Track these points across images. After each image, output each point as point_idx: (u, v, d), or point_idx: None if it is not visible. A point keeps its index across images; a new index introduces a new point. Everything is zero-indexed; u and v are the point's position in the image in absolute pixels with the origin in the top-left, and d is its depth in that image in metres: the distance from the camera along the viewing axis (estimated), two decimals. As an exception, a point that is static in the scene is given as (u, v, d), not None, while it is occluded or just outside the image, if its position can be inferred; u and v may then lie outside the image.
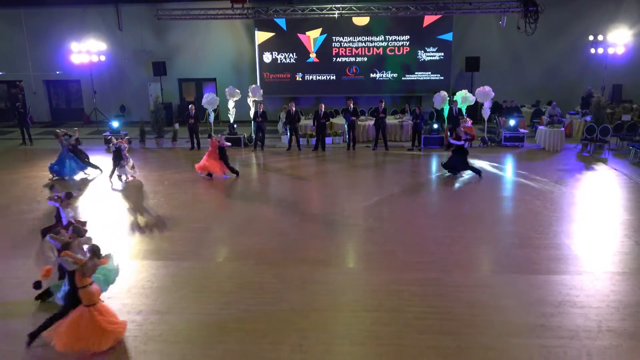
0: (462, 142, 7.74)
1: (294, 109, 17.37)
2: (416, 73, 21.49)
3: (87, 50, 20.29)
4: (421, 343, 6.64)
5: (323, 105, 17.51)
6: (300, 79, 21.82)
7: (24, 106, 20.06)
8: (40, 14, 22.42)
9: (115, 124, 18.89)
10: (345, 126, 17.84)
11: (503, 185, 13.54)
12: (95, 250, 6.66)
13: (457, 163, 13.99)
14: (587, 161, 15.64)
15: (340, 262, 9.12)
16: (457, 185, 13.81)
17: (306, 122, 18.85)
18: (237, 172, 14.61)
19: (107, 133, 18.57)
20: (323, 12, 18.84)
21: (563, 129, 17.36)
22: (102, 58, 21.06)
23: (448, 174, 14.24)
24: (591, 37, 20.00)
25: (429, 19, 20.79)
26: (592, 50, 20.03)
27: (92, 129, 21.94)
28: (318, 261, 8.98)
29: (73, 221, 8.61)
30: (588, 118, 17.93)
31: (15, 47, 22.81)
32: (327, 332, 6.95)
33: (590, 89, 20.39)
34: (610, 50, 19.26)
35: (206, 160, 14.40)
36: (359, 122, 18.39)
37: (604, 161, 15.51)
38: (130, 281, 8.46)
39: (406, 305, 7.48)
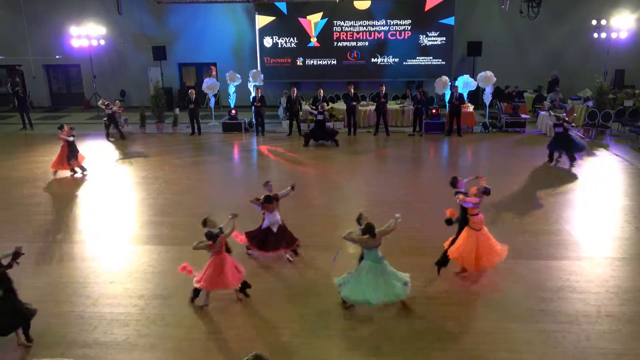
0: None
1: (294, 94, 17.29)
2: (418, 58, 21.35)
3: (86, 35, 20.17)
4: (421, 327, 6.69)
5: (322, 91, 17.42)
6: (301, 64, 21.69)
7: (23, 91, 19.98)
8: (40, -3, 22.25)
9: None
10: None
11: (504, 170, 13.49)
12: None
13: None
14: (589, 147, 15.60)
15: (341, 247, 9.13)
16: (456, 171, 13.78)
17: (306, 108, 18.75)
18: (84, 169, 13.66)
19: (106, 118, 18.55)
20: (324, -5, 18.69)
21: (565, 114, 17.28)
22: (102, 42, 20.93)
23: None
24: (594, 22, 19.81)
25: (430, 3, 20.61)
26: (595, 35, 19.89)
27: (92, 114, 21.88)
28: (319, 246, 9.01)
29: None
30: (590, 103, 17.85)
31: (14, 31, 22.65)
32: (328, 317, 7.00)
33: (556, 73, 20.31)
34: (613, 35, 19.13)
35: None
36: (359, 108, 18.32)
37: (606, 147, 15.48)
38: (132, 266, 8.52)
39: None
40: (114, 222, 10.44)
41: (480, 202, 7.66)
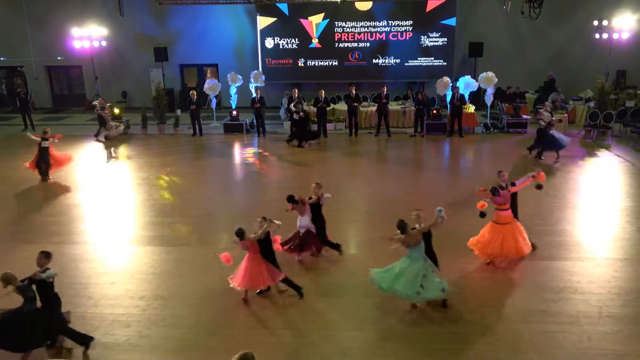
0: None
1: (296, 95, 17.29)
2: (419, 59, 21.34)
3: (88, 36, 20.20)
4: (423, 328, 6.69)
5: (323, 91, 17.43)
6: (302, 65, 21.69)
7: (25, 92, 20.00)
8: (42, -1, 22.30)
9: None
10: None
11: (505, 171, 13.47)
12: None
13: None
14: (590, 147, 15.59)
15: (344, 248, 9.13)
16: (458, 171, 13.79)
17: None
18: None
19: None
20: (325, -4, 18.69)
21: (566, 115, 17.28)
22: (104, 43, 20.95)
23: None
24: (596, 22, 19.78)
25: (432, 4, 20.59)
26: (597, 36, 19.86)
27: (93, 115, 21.84)
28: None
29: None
30: (592, 104, 17.84)
31: (16, 32, 22.68)
32: (329, 317, 7.00)
33: (552, 74, 20.30)
34: (615, 36, 19.10)
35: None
36: (361, 108, 18.32)
37: (607, 147, 15.46)
38: (133, 267, 8.53)
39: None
40: (116, 223, 10.45)
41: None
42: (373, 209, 10.88)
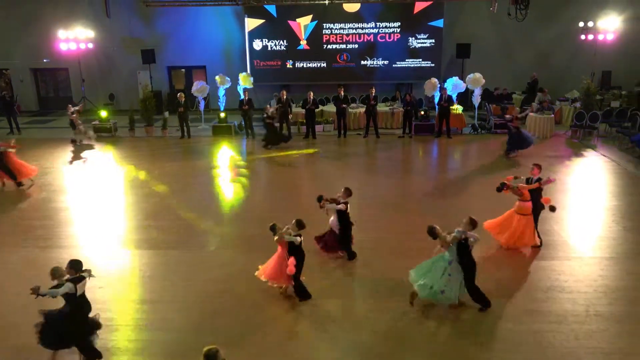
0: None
1: (284, 96, 17.28)
2: (407, 60, 21.43)
3: (75, 38, 20.03)
4: (414, 329, 6.71)
5: (312, 93, 17.44)
6: (290, 67, 21.69)
7: (11, 95, 19.79)
8: (28, 1, 22.06)
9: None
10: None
11: (493, 172, 13.55)
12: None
13: None
14: (576, 147, 15.72)
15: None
16: (447, 172, 13.85)
17: (297, 110, 18.73)
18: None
19: (96, 122, 18.41)
20: (313, -2, 18.69)
21: (553, 115, 17.44)
22: (90, 46, 20.79)
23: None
24: (581, 24, 20.00)
25: (419, 6, 20.68)
26: (582, 37, 20.07)
27: (80, 118, 21.68)
28: (310, 249, 8.98)
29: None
30: (578, 104, 18.01)
31: (1, 34, 22.46)
32: (321, 319, 6.99)
33: (535, 75, 20.51)
34: (600, 37, 19.31)
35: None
36: (349, 110, 18.35)
37: (593, 147, 15.60)
38: (120, 271, 8.47)
39: (400, 293, 7.52)
40: (103, 226, 10.38)
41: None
42: (363, 210, 10.89)
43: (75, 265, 6.05)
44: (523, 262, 8.46)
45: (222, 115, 18.38)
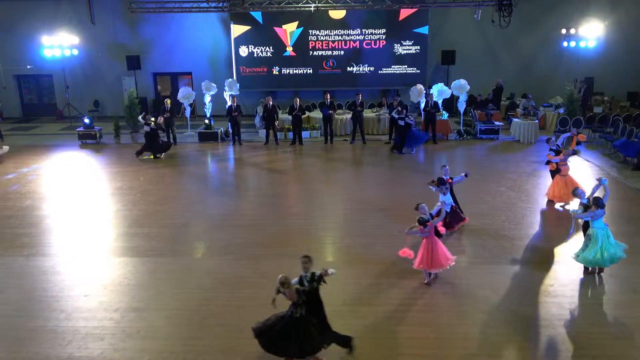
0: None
1: (270, 103, 17.28)
2: (393, 66, 21.56)
3: (59, 44, 19.86)
4: (400, 335, 6.71)
5: (298, 99, 17.47)
6: (277, 73, 21.72)
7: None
8: (10, 6, 21.84)
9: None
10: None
11: (479, 177, 13.65)
12: None
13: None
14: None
15: (320, 255, 9.11)
16: (432, 178, 13.88)
17: (283, 117, 18.73)
18: None
19: (81, 128, 18.24)
20: (299, 5, 18.75)
21: (537, 121, 17.63)
22: (75, 52, 20.63)
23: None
24: (564, 31, 20.30)
25: (404, 13, 20.85)
26: (565, 44, 20.35)
27: (65, 125, 21.55)
28: (297, 255, 8.90)
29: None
30: (561, 110, 18.24)
31: (-17, 40, 22.20)
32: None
33: (500, 81, 20.79)
34: (582, 44, 19.59)
35: None
36: (336, 116, 18.40)
37: (577, 152, 15.77)
38: (107, 278, 8.38)
39: (385, 298, 7.55)
40: (89, 234, 10.27)
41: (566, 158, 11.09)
42: (351, 215, 10.92)
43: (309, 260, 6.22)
44: (508, 267, 8.50)
45: (207, 122, 18.33)
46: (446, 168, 10.03)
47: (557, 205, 11.21)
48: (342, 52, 21.48)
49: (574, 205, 10.17)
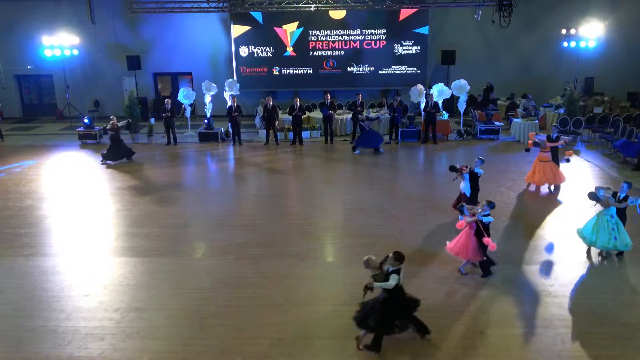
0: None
1: (271, 103, 17.29)
2: (393, 67, 21.57)
3: (59, 44, 19.86)
4: (399, 335, 6.70)
5: (298, 100, 17.47)
6: (277, 73, 21.72)
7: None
8: (10, 6, 21.85)
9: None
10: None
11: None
12: None
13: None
14: (560, 153, 15.84)
15: (319, 256, 9.15)
16: (433, 177, 13.91)
17: (283, 117, 18.73)
18: None
19: (81, 128, 18.24)
20: (299, 5, 18.74)
21: (537, 121, 17.63)
22: (75, 52, 20.64)
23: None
24: (564, 31, 20.31)
25: (405, 13, 20.85)
26: (565, 44, 20.36)
27: (65, 125, 21.56)
28: (297, 255, 8.99)
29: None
30: (561, 110, 18.23)
31: (-17, 41, 22.21)
32: (307, 326, 6.98)
33: (490, 81, 20.78)
34: (582, 44, 19.59)
35: None
36: (336, 116, 18.40)
37: (577, 153, 15.79)
38: (107, 278, 8.38)
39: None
40: (89, 234, 10.27)
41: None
42: (349, 215, 10.92)
43: (400, 258, 6.30)
44: (508, 267, 8.50)
45: (207, 121, 18.35)
46: (478, 161, 10.40)
47: (533, 188, 12.30)
48: (342, 53, 21.49)
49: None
